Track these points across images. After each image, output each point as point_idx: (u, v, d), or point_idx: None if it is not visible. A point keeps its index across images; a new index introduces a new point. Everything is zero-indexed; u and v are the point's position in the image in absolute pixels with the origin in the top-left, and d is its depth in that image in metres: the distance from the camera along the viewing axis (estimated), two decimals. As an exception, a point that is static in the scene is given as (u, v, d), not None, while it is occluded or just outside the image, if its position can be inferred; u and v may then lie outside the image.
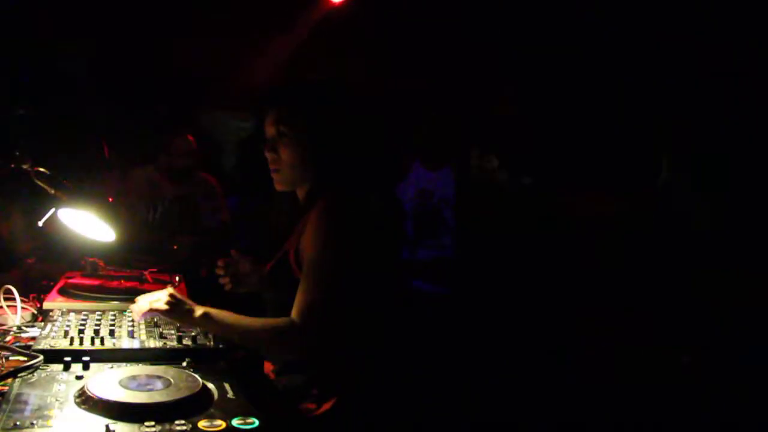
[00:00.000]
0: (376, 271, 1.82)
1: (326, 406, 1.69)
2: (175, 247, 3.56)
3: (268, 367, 1.81)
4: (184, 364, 1.57)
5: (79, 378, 1.45)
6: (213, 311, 1.63)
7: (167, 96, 4.70)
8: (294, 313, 1.62)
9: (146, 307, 1.64)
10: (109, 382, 1.38)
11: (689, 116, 3.33)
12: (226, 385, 1.46)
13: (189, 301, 1.66)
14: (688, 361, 2.40)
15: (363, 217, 1.76)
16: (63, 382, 1.42)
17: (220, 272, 2.01)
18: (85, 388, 1.34)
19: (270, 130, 1.77)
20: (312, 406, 1.70)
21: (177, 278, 2.55)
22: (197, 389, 1.38)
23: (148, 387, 1.37)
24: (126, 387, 1.36)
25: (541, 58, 4.16)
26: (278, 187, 1.83)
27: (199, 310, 1.62)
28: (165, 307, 1.62)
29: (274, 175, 1.81)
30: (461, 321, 2.92)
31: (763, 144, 2.94)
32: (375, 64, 4.70)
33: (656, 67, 3.71)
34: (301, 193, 1.83)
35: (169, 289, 1.67)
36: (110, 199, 2.28)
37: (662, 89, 3.60)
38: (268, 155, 1.78)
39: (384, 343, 1.89)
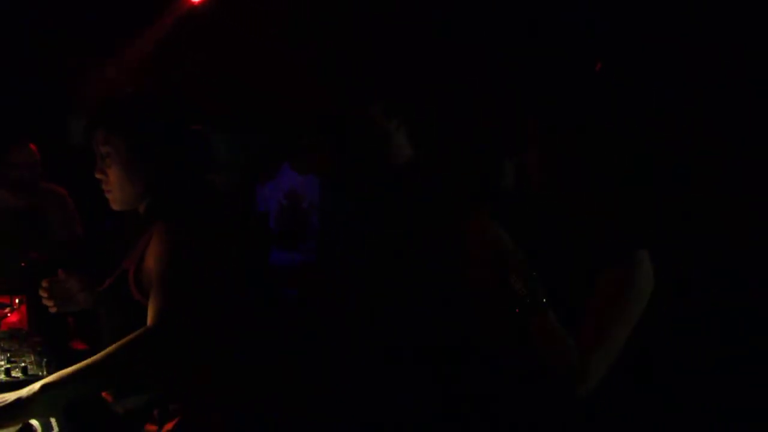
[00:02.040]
0: (225, 285, 1.81)
1: (168, 426, 1.65)
2: (23, 264, 3.36)
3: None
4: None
5: None
6: (48, 380, 1.43)
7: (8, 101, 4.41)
8: (149, 322, 1.55)
9: None
10: None
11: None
12: (52, 421, 1.41)
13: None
14: None
15: (206, 232, 1.74)
16: None
17: (44, 294, 1.93)
18: None
19: (97, 151, 1.73)
20: (153, 428, 1.66)
21: (17, 300, 2.43)
22: (17, 428, 1.32)
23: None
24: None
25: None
26: (115, 207, 1.79)
27: (33, 388, 1.40)
28: None
29: (107, 196, 1.77)
30: (316, 328, 2.94)
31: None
32: (242, 63, 4.64)
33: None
34: (141, 209, 1.79)
35: None
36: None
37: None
38: (98, 176, 1.74)
39: (233, 358, 1.88)
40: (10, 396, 1.39)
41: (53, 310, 1.94)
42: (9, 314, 2.29)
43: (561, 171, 1.65)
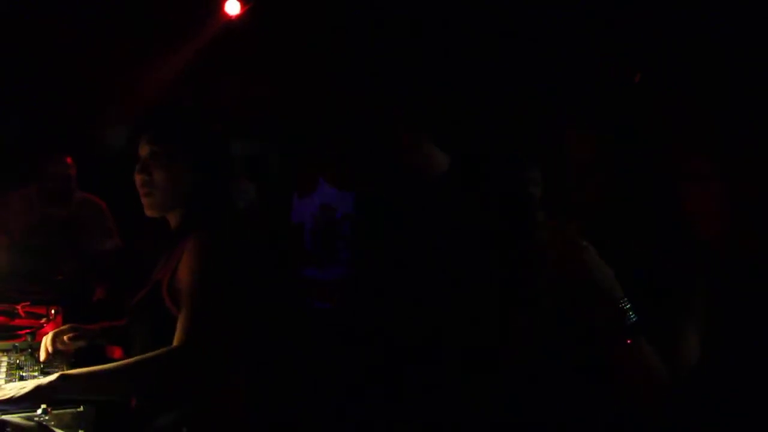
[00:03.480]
0: (257, 302, 1.80)
1: None
2: (60, 276, 3.39)
3: (132, 404, 1.73)
4: (39, 411, 1.48)
5: None
6: (70, 371, 1.50)
7: (47, 113, 4.48)
8: (175, 341, 1.54)
9: None
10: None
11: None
12: (84, 435, 1.39)
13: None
14: None
15: (238, 245, 1.73)
16: None
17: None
18: None
19: (143, 150, 1.73)
20: None
21: (53, 311, 2.43)
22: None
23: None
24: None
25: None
26: (149, 213, 1.78)
27: (52, 376, 1.47)
28: (6, 395, 1.42)
29: (144, 199, 1.76)
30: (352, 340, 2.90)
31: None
32: (276, 76, 4.66)
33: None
34: (172, 220, 1.79)
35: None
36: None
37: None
38: (140, 177, 1.74)
39: (262, 374, 1.86)
40: (29, 383, 1.44)
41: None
42: (45, 325, 2.30)
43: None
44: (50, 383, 1.43)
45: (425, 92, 3.43)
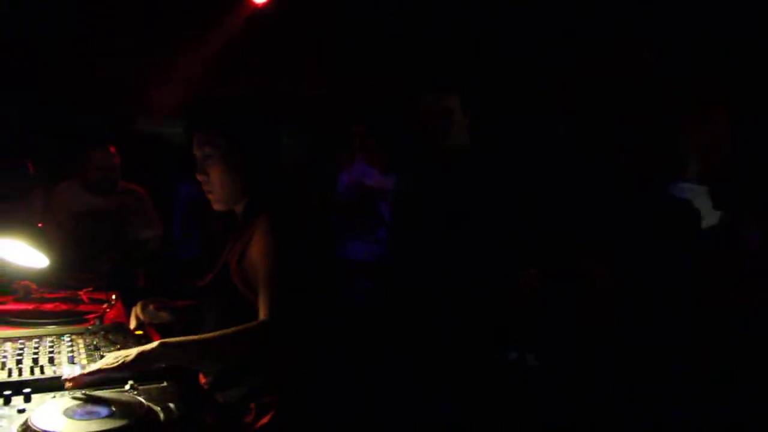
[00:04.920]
0: (321, 280, 1.88)
1: (264, 420, 1.72)
2: (107, 266, 3.51)
3: (202, 380, 1.84)
4: (127, 387, 1.58)
5: (21, 411, 1.44)
6: (169, 339, 1.59)
7: (90, 107, 4.60)
8: (263, 314, 1.61)
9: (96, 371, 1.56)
10: (53, 413, 1.38)
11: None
12: (172, 406, 1.49)
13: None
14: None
15: (304, 227, 1.82)
16: (4, 418, 1.42)
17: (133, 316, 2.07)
18: (29, 422, 1.35)
19: (197, 153, 1.81)
20: (250, 420, 1.73)
21: (113, 297, 2.54)
22: (143, 413, 1.40)
23: (94, 415, 1.39)
24: (71, 417, 1.37)
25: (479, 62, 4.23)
26: (216, 207, 1.88)
27: (153, 344, 1.56)
28: (114, 362, 1.53)
29: (210, 197, 1.86)
30: (396, 319, 2.98)
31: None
32: (310, 58, 4.73)
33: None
34: (238, 209, 1.87)
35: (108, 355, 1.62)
36: (39, 225, 2.25)
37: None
38: (200, 177, 1.83)
39: (324, 351, 1.95)
40: (132, 351, 1.54)
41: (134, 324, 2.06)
42: (108, 310, 2.41)
43: None
44: (152, 349, 1.53)
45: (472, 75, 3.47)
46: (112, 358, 1.55)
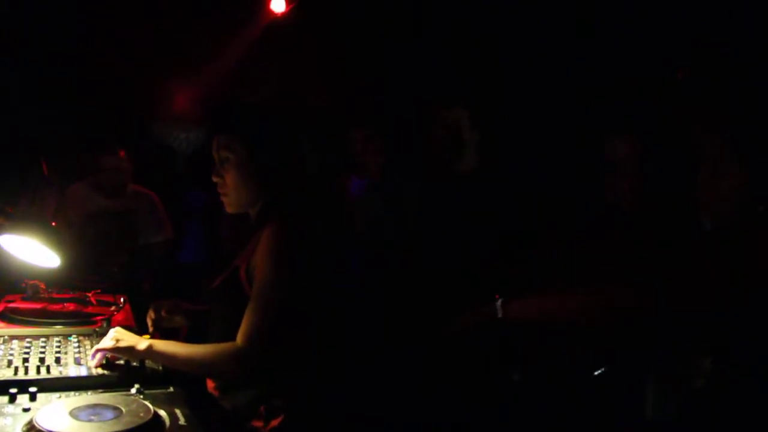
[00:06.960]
0: (324, 290, 1.87)
1: (274, 423, 1.72)
2: (116, 269, 3.50)
3: (210, 384, 1.83)
4: (133, 390, 1.57)
5: (26, 410, 1.43)
6: (157, 342, 1.71)
7: (104, 108, 4.62)
8: (239, 337, 1.66)
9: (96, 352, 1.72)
10: (59, 413, 1.37)
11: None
12: (177, 411, 1.48)
13: (134, 336, 1.74)
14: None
15: (312, 239, 1.80)
16: (9, 416, 1.41)
17: (148, 320, 2.08)
18: (34, 422, 1.33)
19: (215, 156, 1.82)
20: (259, 424, 1.73)
21: (122, 299, 2.53)
22: (149, 418, 1.39)
23: (99, 417, 1.37)
24: (76, 418, 1.36)
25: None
26: (229, 210, 1.88)
27: (143, 344, 1.69)
28: (111, 344, 1.69)
29: (223, 199, 1.86)
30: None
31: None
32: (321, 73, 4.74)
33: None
34: (252, 212, 1.87)
35: (116, 329, 1.75)
36: (53, 224, 2.24)
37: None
38: (216, 180, 1.83)
39: (330, 358, 1.93)
40: (126, 340, 1.70)
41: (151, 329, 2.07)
42: (116, 312, 2.39)
43: None
44: (141, 348, 1.68)
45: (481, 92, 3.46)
46: (110, 336, 1.71)
